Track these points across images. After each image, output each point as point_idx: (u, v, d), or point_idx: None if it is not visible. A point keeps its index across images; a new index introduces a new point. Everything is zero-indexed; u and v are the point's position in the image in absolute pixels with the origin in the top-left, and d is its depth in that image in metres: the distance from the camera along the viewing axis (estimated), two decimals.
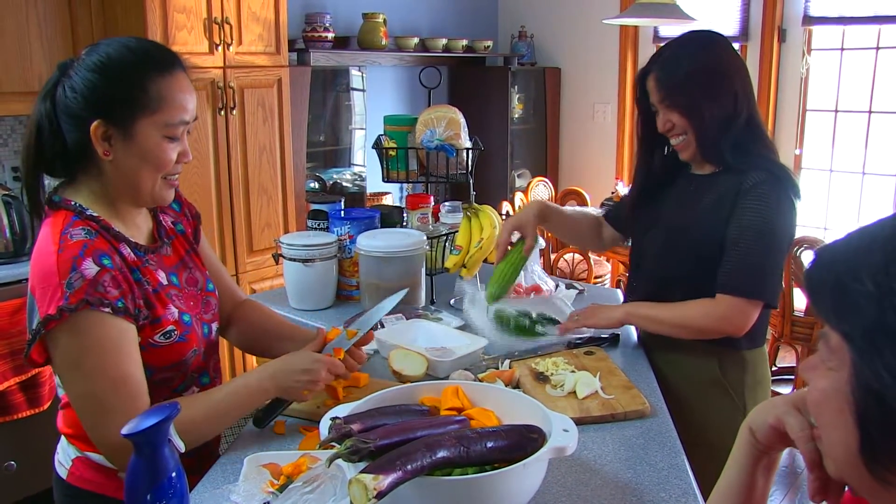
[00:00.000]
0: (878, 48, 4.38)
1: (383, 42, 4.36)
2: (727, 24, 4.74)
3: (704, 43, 1.72)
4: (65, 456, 1.39)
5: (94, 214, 1.28)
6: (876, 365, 0.56)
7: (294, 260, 2.09)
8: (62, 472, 1.39)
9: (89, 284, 1.19)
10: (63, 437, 1.40)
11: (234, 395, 1.32)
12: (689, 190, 1.78)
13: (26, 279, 2.85)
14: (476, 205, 2.19)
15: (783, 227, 1.64)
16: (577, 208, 2.24)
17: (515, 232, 1.88)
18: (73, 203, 1.28)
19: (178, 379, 1.37)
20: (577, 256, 4.49)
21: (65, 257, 1.20)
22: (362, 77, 4.58)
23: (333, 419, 1.10)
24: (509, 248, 1.88)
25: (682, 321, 1.70)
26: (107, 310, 1.20)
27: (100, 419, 1.22)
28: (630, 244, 1.96)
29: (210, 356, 1.47)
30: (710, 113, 1.66)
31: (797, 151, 4.67)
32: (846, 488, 0.70)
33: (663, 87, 1.69)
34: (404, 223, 2.34)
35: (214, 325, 1.49)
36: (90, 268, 1.20)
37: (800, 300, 3.58)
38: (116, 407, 1.20)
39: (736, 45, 4.69)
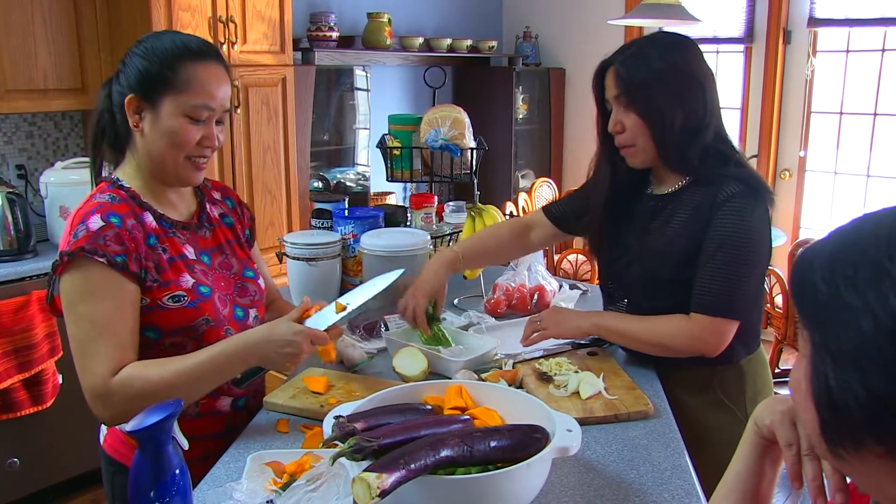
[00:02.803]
0: (883, 50, 4.37)
1: (388, 42, 4.36)
2: (732, 26, 4.74)
3: (673, 43, 1.59)
4: (104, 425, 1.47)
5: (127, 185, 1.41)
6: (822, 351, 0.61)
7: (298, 259, 2.09)
8: (101, 440, 1.48)
9: (91, 236, 1.30)
10: None
11: (211, 361, 1.33)
12: (654, 211, 1.66)
13: (30, 277, 2.87)
14: (480, 205, 2.20)
15: (760, 241, 1.55)
16: (487, 229, 2.10)
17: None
18: (112, 177, 1.43)
19: (190, 346, 1.40)
20: (581, 257, 4.49)
21: (78, 214, 1.34)
22: (366, 76, 4.58)
23: (337, 418, 1.10)
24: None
25: (655, 339, 1.60)
26: (101, 260, 1.29)
27: (83, 363, 1.30)
28: (599, 268, 1.84)
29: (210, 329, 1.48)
30: (675, 118, 1.53)
31: (802, 153, 4.66)
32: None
33: (622, 83, 1.55)
34: (408, 222, 2.34)
35: (252, 312, 1.54)
36: (95, 222, 1.31)
37: None
38: (99, 352, 1.28)
39: (740, 47, 4.73)
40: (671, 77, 1.54)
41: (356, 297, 1.53)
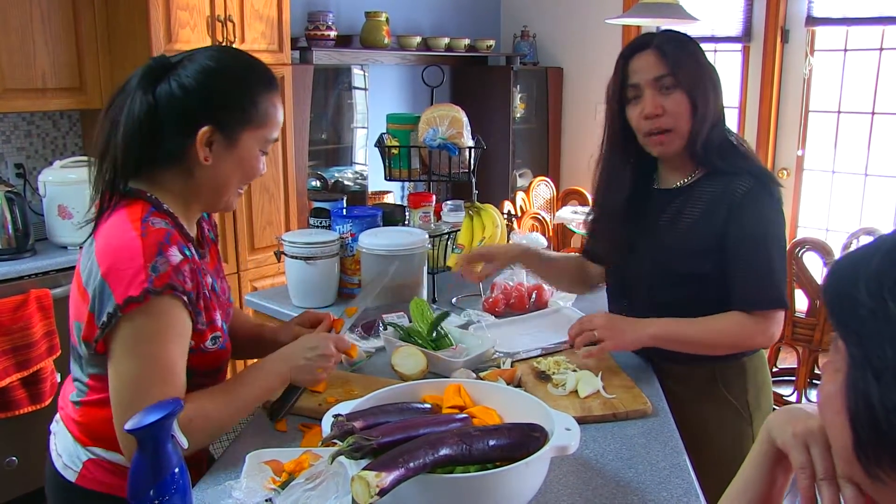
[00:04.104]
0: (881, 49, 4.37)
1: (386, 41, 4.36)
2: (730, 25, 4.74)
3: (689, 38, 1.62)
4: (71, 458, 1.33)
5: (170, 209, 1.29)
6: (865, 368, 0.59)
7: (296, 258, 2.09)
8: (69, 475, 1.32)
9: (174, 270, 1.19)
10: (70, 438, 1.33)
11: (252, 384, 1.31)
12: (662, 206, 1.66)
13: (28, 276, 2.86)
14: (478, 203, 2.20)
15: (783, 229, 1.60)
16: (560, 253, 2.11)
17: (483, 262, 1.87)
18: (148, 195, 1.28)
19: (208, 385, 1.34)
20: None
21: (150, 241, 1.19)
22: (364, 76, 4.58)
23: (336, 416, 1.10)
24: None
25: (722, 340, 1.57)
26: (185, 298, 1.20)
27: (137, 406, 1.16)
28: (606, 269, 1.84)
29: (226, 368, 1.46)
30: (709, 104, 1.57)
31: (799, 152, 4.66)
32: None
33: (671, 60, 1.54)
34: (406, 221, 2.34)
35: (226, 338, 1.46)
36: (175, 255, 1.20)
37: (801, 302, 3.58)
38: (156, 396, 1.18)
39: (738, 46, 4.73)
40: (706, 64, 1.59)
41: (362, 300, 1.57)
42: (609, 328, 1.58)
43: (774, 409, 1.06)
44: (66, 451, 1.34)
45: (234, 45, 3.31)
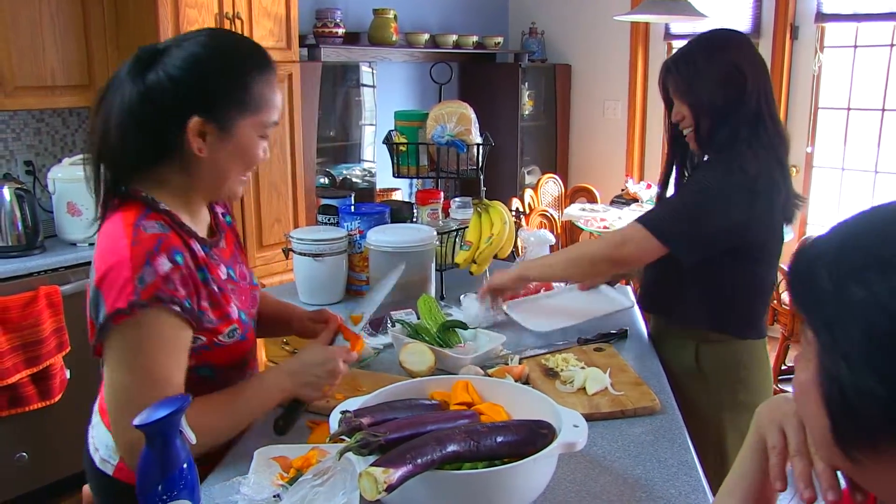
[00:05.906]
0: (892, 45, 4.34)
1: (394, 38, 4.36)
2: (739, 21, 4.71)
3: (720, 39, 1.75)
4: (108, 453, 1.34)
5: (167, 208, 1.24)
6: (835, 354, 0.60)
7: (304, 254, 2.09)
8: (107, 469, 1.34)
9: (162, 280, 1.15)
10: (107, 433, 1.32)
11: (254, 398, 1.29)
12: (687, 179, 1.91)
13: (38, 273, 2.86)
14: (486, 200, 2.19)
15: (719, 201, 1.65)
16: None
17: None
18: (143, 195, 1.23)
19: (237, 379, 1.33)
20: None
21: (138, 251, 1.15)
22: (373, 73, 4.58)
23: (343, 413, 1.11)
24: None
25: (579, 254, 1.86)
26: (176, 308, 1.16)
27: (127, 415, 1.12)
28: None
29: (254, 356, 1.45)
30: (711, 99, 1.69)
31: (809, 149, 4.64)
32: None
33: (673, 79, 1.76)
34: (414, 218, 2.34)
35: (253, 322, 1.43)
36: (164, 264, 1.16)
37: None
38: (149, 406, 1.17)
39: None
40: (711, 67, 1.70)
41: (369, 305, 1.52)
42: (497, 274, 1.92)
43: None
44: (103, 445, 1.35)
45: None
